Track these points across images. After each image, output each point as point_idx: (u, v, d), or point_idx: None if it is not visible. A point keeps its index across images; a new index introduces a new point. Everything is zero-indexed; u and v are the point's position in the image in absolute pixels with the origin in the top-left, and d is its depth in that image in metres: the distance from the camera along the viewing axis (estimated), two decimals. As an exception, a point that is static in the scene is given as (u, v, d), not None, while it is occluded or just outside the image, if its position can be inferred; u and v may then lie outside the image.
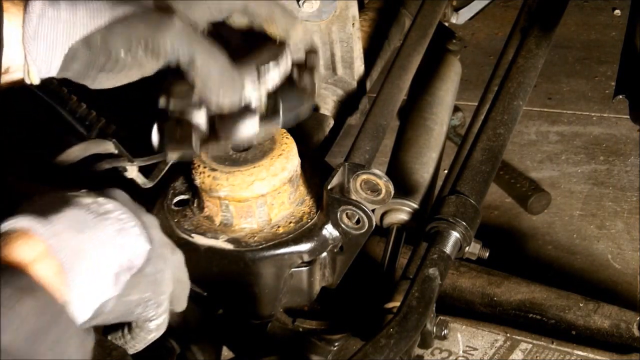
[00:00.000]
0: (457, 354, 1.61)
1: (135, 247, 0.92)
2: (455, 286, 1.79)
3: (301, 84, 1.17)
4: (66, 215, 0.87)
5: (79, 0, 1.02)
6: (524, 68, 1.53)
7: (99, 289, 0.88)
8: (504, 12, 3.25)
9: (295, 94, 1.16)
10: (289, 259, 1.25)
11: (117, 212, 0.93)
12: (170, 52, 1.03)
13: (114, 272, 0.89)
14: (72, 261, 0.84)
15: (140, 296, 0.93)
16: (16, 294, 0.77)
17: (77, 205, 0.90)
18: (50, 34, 1.00)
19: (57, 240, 0.84)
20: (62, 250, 0.84)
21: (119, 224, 0.92)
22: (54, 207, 0.88)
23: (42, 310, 0.78)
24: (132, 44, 1.03)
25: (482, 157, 1.36)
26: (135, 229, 0.93)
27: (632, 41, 1.56)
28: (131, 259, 0.91)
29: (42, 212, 0.86)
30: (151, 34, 1.02)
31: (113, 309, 0.90)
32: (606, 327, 1.64)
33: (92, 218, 0.89)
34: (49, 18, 1.00)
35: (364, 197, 1.22)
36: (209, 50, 1.05)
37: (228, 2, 1.12)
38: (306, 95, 1.17)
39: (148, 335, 0.98)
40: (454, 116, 2.63)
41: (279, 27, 1.16)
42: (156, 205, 1.33)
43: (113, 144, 1.28)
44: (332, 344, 1.36)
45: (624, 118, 2.68)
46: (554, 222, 2.42)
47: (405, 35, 1.60)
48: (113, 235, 0.90)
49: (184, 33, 1.03)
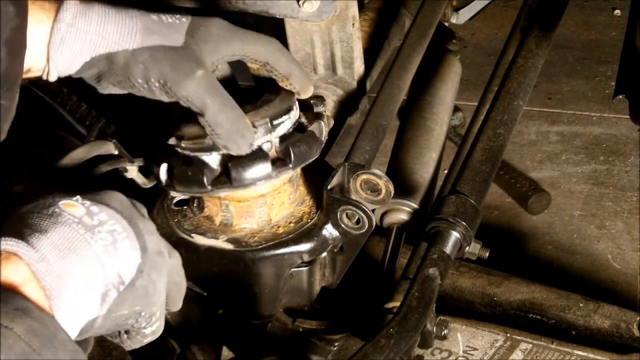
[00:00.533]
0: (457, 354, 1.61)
1: (125, 261, 0.91)
2: (455, 286, 1.79)
3: (310, 129, 1.24)
4: (53, 237, 0.86)
5: (112, 16, 1.04)
6: (524, 68, 1.53)
7: (85, 311, 0.87)
8: (504, 12, 3.25)
9: (305, 139, 1.23)
10: (289, 259, 1.25)
11: (110, 222, 0.92)
12: (184, 101, 1.07)
13: (100, 292, 0.89)
14: (57, 286, 0.84)
15: (131, 310, 0.92)
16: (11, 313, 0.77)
17: (66, 223, 0.88)
18: (77, 44, 1.03)
19: (42, 265, 0.83)
20: (48, 275, 0.83)
21: (110, 237, 0.90)
22: (41, 225, 0.87)
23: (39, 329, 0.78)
24: (151, 78, 1.06)
25: (482, 157, 1.36)
26: (126, 241, 0.92)
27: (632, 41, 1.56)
28: (121, 274, 0.91)
29: (28, 233, 0.85)
30: (172, 76, 1.07)
31: (102, 324, 0.90)
32: (606, 327, 1.64)
33: (81, 234, 0.88)
34: (78, 29, 1.03)
35: (364, 197, 1.22)
36: (221, 102, 1.09)
37: (253, 53, 1.17)
38: (315, 139, 1.23)
39: (144, 338, 0.98)
40: (454, 116, 2.63)
41: (293, 85, 1.21)
42: (156, 205, 1.33)
43: (113, 145, 1.28)
44: (332, 344, 1.36)
45: (624, 118, 2.68)
46: (554, 222, 2.42)
47: (405, 35, 1.60)
48: (102, 252, 0.89)
49: (202, 84, 1.07)
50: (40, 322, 0.79)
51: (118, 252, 0.91)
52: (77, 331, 0.87)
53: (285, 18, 1.53)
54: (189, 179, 1.18)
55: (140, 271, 0.93)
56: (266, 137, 1.18)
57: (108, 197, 0.96)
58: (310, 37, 1.59)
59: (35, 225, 0.87)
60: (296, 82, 1.23)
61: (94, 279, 0.88)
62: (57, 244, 0.86)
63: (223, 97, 1.09)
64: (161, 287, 0.96)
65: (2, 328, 0.75)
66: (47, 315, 0.81)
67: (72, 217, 0.89)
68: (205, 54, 1.10)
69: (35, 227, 0.87)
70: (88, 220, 0.90)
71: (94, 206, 0.92)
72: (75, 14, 1.02)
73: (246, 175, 1.18)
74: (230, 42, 1.14)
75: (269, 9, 1.48)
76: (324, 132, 1.27)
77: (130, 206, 0.97)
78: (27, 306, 0.79)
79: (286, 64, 1.20)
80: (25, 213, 0.89)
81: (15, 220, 0.88)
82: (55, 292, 0.83)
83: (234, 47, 1.14)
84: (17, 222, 0.88)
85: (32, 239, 0.85)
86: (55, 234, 0.86)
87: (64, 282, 0.84)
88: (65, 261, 0.85)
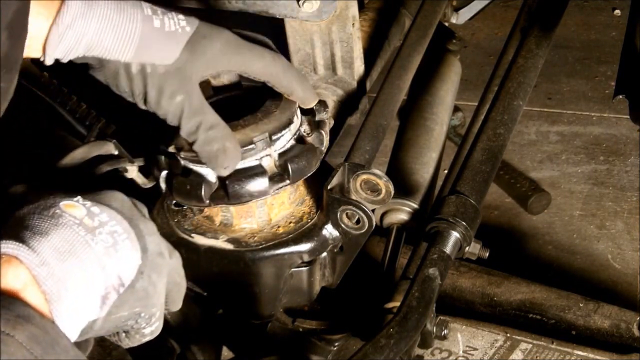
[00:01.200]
0: (457, 354, 1.61)
1: (125, 263, 0.91)
2: (455, 286, 1.79)
3: (310, 142, 1.24)
4: (53, 239, 0.86)
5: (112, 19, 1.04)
6: (524, 68, 1.53)
7: (85, 314, 0.87)
8: (504, 12, 3.25)
9: (304, 153, 1.22)
10: (289, 259, 1.25)
11: (111, 223, 0.91)
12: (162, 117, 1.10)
13: (100, 295, 0.89)
14: (57, 290, 0.84)
15: (130, 312, 0.92)
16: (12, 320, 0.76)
17: (67, 224, 0.88)
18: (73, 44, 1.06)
19: (43, 270, 0.83)
20: (48, 279, 0.83)
21: (111, 239, 0.90)
22: (42, 227, 0.86)
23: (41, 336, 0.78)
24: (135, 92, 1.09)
25: (482, 157, 1.36)
26: (127, 242, 0.92)
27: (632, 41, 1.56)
28: (121, 276, 0.91)
29: (29, 235, 0.85)
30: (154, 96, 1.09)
31: (102, 326, 0.90)
32: (606, 327, 1.64)
33: (82, 236, 0.88)
34: (75, 31, 1.04)
35: (364, 197, 1.22)
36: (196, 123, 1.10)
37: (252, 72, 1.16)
38: (314, 152, 1.23)
39: (143, 338, 0.98)
40: (454, 116, 2.63)
41: (297, 99, 1.22)
42: (156, 205, 1.33)
43: (113, 145, 1.28)
44: (332, 344, 1.36)
45: (624, 118, 2.68)
46: (554, 222, 2.41)
47: (405, 35, 1.60)
48: (102, 254, 0.89)
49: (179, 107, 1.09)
50: (41, 329, 0.78)
51: (118, 253, 0.91)
52: (77, 334, 0.87)
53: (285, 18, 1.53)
54: (187, 192, 1.19)
55: (141, 272, 0.93)
56: (265, 151, 1.18)
57: (109, 197, 0.96)
58: (310, 37, 1.59)
59: (35, 227, 0.87)
60: (298, 99, 1.22)
61: (94, 282, 0.88)
62: (58, 247, 0.86)
63: (198, 118, 1.10)
64: (161, 288, 0.96)
65: (3, 335, 0.75)
66: (48, 321, 0.81)
67: (72, 219, 0.89)
68: (198, 69, 1.10)
69: (35, 229, 0.86)
70: (89, 221, 0.90)
71: (95, 207, 0.92)
72: (75, 15, 1.02)
73: (243, 192, 1.18)
74: (231, 59, 1.13)
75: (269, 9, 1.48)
76: (325, 141, 1.26)
77: (131, 206, 0.97)
78: (29, 313, 0.79)
79: (287, 84, 1.19)
80: (26, 214, 0.89)
81: (15, 221, 0.88)
82: (55, 297, 0.83)
83: (233, 64, 1.13)
84: (18, 223, 0.88)
85: (32, 241, 0.84)
86: (56, 236, 0.86)
87: (64, 286, 0.84)
88: (66, 264, 0.85)
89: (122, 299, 0.91)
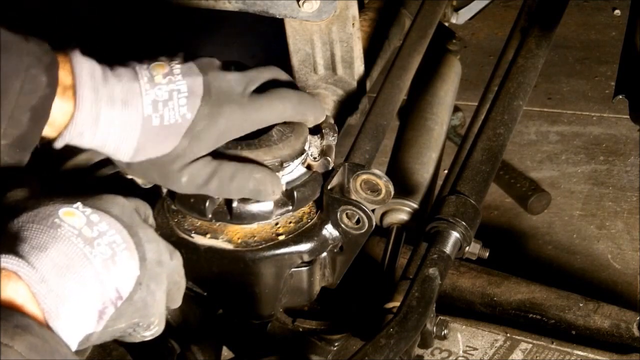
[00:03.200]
0: (457, 354, 1.61)
1: (124, 276, 0.91)
2: (455, 286, 1.79)
3: (315, 170, 1.23)
4: (52, 254, 0.86)
5: (116, 125, 1.04)
6: (524, 68, 1.53)
7: (82, 328, 0.88)
8: (504, 12, 3.25)
9: (309, 182, 1.22)
10: (289, 259, 1.25)
11: (110, 233, 0.92)
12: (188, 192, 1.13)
13: (97, 309, 0.89)
14: (56, 307, 0.84)
15: (128, 323, 0.93)
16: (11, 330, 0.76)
17: (65, 236, 0.88)
18: (84, 145, 1.05)
19: (42, 287, 0.83)
20: (47, 297, 0.83)
21: (109, 250, 0.90)
22: (40, 240, 0.87)
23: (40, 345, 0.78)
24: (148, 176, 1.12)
25: (482, 157, 1.36)
26: (125, 253, 0.92)
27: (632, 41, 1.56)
28: (119, 289, 0.91)
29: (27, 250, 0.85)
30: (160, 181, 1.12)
31: (99, 337, 0.91)
32: (606, 327, 1.65)
33: (80, 248, 0.88)
34: (81, 142, 1.04)
35: (363, 197, 1.22)
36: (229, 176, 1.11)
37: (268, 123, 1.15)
38: (319, 181, 1.23)
39: (143, 338, 0.98)
40: (454, 116, 2.63)
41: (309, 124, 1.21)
42: (156, 205, 1.33)
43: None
44: (332, 344, 1.36)
45: (624, 118, 2.68)
46: (554, 222, 2.42)
47: (405, 35, 1.60)
48: (100, 268, 0.89)
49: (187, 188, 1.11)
50: (40, 338, 0.78)
51: (117, 266, 0.91)
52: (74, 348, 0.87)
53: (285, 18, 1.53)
54: (191, 205, 1.19)
55: (139, 284, 0.93)
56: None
57: (109, 203, 0.96)
58: (310, 37, 1.59)
59: (34, 239, 0.87)
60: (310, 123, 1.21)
61: (92, 297, 0.88)
62: (57, 262, 0.86)
63: (214, 183, 1.11)
64: (160, 296, 0.96)
65: (2, 346, 0.75)
66: (47, 331, 0.81)
67: (71, 229, 0.89)
68: (200, 151, 1.09)
69: (34, 241, 0.86)
70: (87, 231, 0.90)
71: (94, 214, 0.92)
72: (82, 130, 1.03)
73: (246, 214, 1.19)
74: (240, 127, 1.10)
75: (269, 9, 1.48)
76: (330, 166, 1.26)
77: (131, 212, 0.97)
78: (28, 323, 0.79)
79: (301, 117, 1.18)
80: (25, 222, 0.89)
81: (14, 231, 0.88)
82: (54, 315, 0.83)
83: (243, 129, 1.11)
84: (17, 234, 0.88)
85: (31, 257, 0.84)
86: (55, 250, 0.86)
87: (62, 303, 0.84)
88: (64, 280, 0.85)
89: (119, 311, 0.91)
